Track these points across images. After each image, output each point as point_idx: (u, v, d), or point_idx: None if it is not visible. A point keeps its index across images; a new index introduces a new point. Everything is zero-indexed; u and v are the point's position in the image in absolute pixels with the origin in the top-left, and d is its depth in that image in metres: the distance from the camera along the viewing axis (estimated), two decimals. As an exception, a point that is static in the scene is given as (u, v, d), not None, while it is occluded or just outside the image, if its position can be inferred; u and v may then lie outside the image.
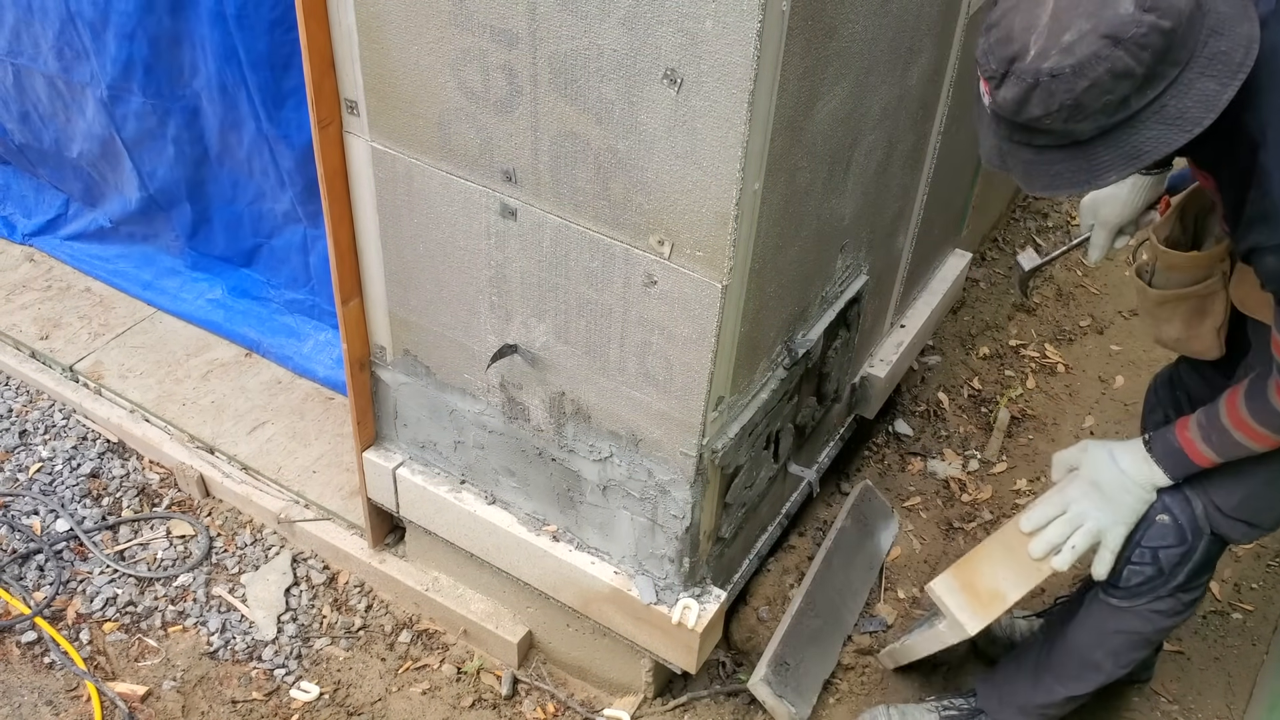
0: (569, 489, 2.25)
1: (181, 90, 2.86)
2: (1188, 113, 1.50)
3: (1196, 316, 2.09)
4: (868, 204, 2.30)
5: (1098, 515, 2.01)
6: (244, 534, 2.87)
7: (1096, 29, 1.46)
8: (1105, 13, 1.46)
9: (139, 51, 2.80)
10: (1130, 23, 1.44)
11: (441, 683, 2.60)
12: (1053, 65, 1.48)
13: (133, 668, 2.58)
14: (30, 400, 3.17)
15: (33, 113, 3.27)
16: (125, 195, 3.28)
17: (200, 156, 3.01)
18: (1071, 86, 1.48)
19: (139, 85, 2.88)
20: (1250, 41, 1.51)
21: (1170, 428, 1.94)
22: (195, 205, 3.15)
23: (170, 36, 2.75)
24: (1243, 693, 2.66)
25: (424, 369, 2.30)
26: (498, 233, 1.97)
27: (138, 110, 2.95)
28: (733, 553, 2.44)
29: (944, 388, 3.43)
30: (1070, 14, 1.48)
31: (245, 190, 3.04)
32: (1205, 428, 1.88)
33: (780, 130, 1.71)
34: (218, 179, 3.07)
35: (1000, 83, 1.56)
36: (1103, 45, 1.45)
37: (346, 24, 1.89)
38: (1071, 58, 1.47)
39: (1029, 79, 1.51)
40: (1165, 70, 1.48)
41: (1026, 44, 1.51)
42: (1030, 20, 1.52)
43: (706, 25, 1.53)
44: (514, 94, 1.77)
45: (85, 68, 2.96)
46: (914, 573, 2.85)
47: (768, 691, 2.42)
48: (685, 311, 1.83)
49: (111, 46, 2.83)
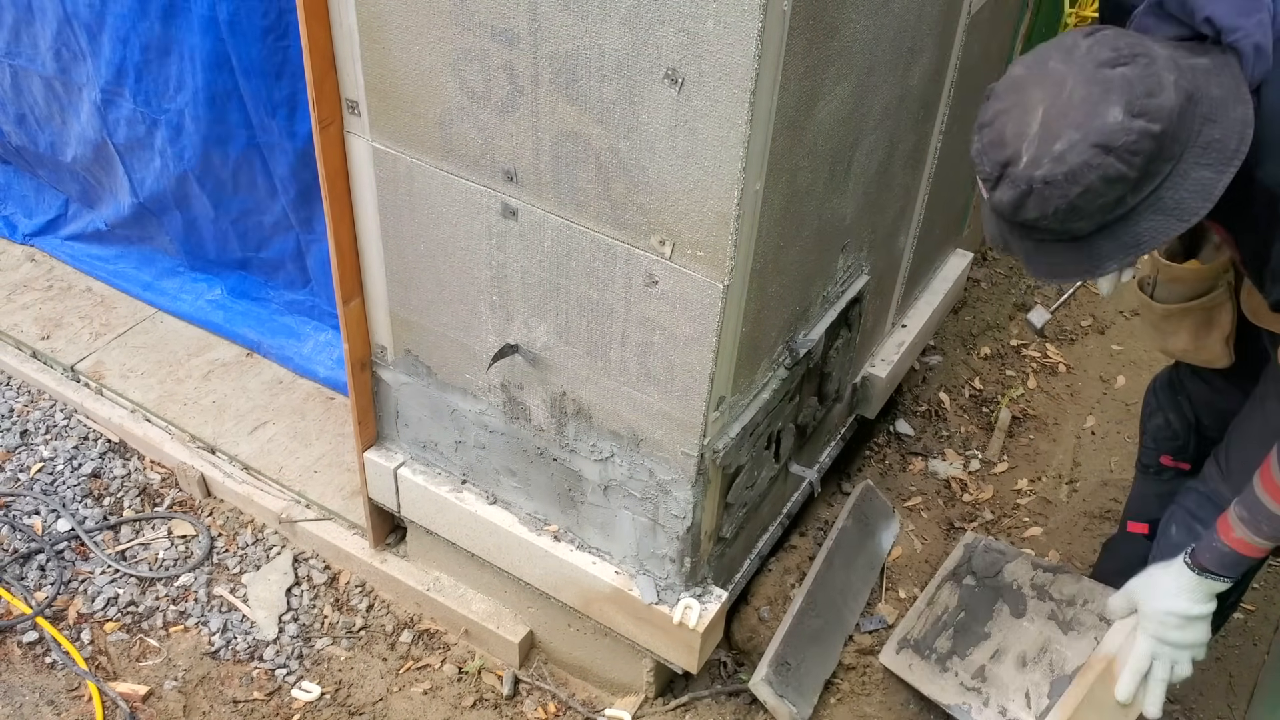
0: (570, 489, 2.25)
1: (172, 95, 2.85)
2: (1185, 203, 1.50)
3: (1204, 328, 2.07)
4: (869, 204, 2.30)
5: (1174, 654, 1.97)
6: (245, 534, 2.87)
7: (1087, 138, 1.45)
8: (1094, 121, 1.45)
9: (132, 56, 2.79)
10: (1120, 130, 1.44)
11: (443, 682, 2.60)
12: (1045, 173, 1.48)
13: (134, 667, 2.58)
14: (31, 400, 3.17)
15: (29, 115, 3.27)
16: (119, 200, 3.27)
17: (191, 162, 3.00)
18: (1065, 193, 1.48)
19: (130, 90, 2.87)
20: (1244, 125, 1.50)
21: (1211, 534, 1.87)
22: (185, 213, 3.14)
23: (161, 42, 2.73)
24: (1244, 693, 2.66)
25: (425, 369, 2.30)
26: (499, 233, 1.97)
27: (129, 116, 2.94)
28: (734, 553, 2.44)
29: (945, 388, 3.43)
30: (1060, 123, 1.48)
31: (235, 200, 3.03)
32: (1250, 520, 1.80)
33: (781, 130, 1.71)
34: (209, 187, 3.05)
35: (995, 185, 1.56)
36: (1094, 154, 1.45)
37: (348, 24, 1.89)
38: (1063, 166, 1.47)
39: (1023, 185, 1.51)
40: (1159, 168, 1.48)
41: (1019, 150, 1.51)
42: (1021, 127, 1.51)
43: (708, 25, 1.53)
44: (515, 94, 1.77)
45: (81, 70, 2.96)
46: (915, 572, 2.85)
47: (769, 691, 2.42)
48: (686, 311, 1.83)
49: (106, 49, 2.82)
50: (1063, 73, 1.50)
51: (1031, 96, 1.52)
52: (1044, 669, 2.28)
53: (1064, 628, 2.31)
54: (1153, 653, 1.97)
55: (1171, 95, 1.45)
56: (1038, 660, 2.30)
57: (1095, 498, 3.13)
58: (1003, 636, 2.38)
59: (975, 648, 2.40)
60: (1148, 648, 1.97)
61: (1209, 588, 1.89)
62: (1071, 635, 2.29)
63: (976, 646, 2.40)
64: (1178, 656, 1.96)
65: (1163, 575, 1.94)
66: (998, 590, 2.46)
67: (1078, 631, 2.28)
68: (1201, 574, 1.88)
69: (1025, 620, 2.37)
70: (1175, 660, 1.96)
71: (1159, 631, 1.95)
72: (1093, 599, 2.29)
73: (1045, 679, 2.25)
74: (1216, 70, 1.52)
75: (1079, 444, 3.31)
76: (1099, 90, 1.46)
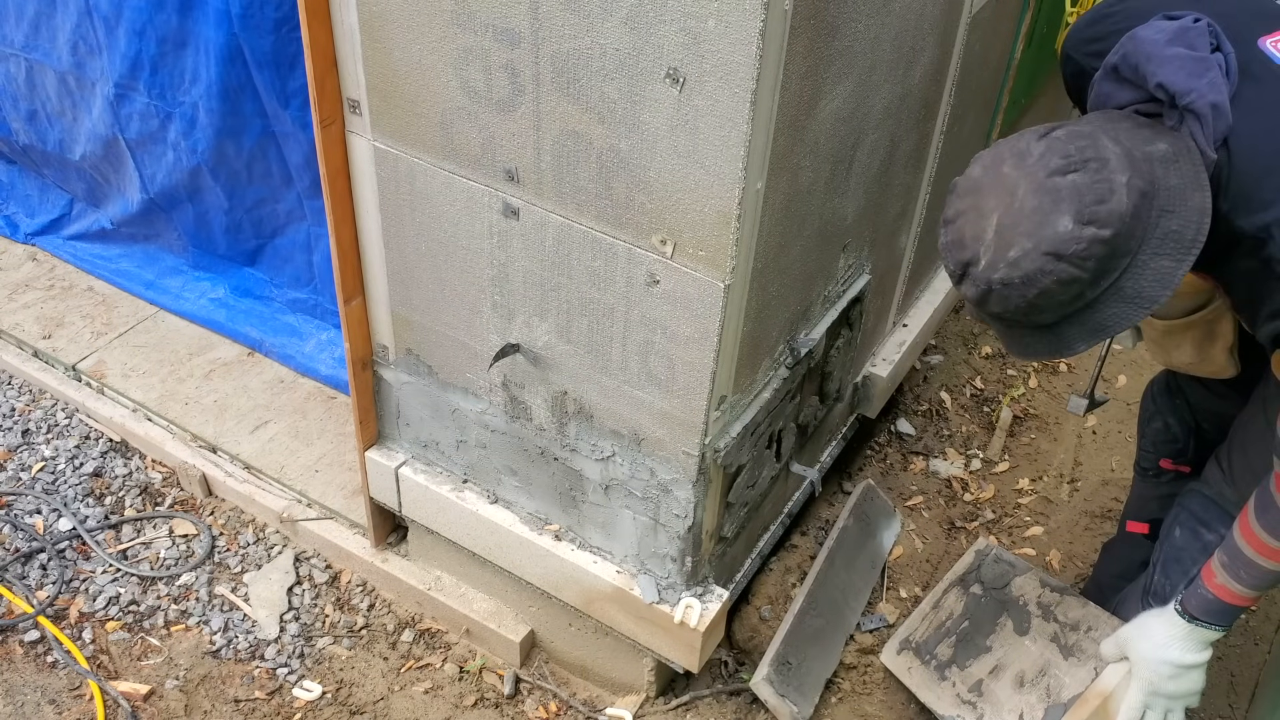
0: (571, 488, 2.25)
1: (187, 87, 2.86)
2: (1145, 291, 1.53)
3: (1207, 341, 2.06)
4: (870, 203, 2.30)
5: (1168, 704, 1.96)
6: (246, 533, 2.88)
7: (1038, 247, 1.49)
8: (1045, 231, 1.48)
9: (148, 49, 2.81)
10: (1070, 239, 1.47)
11: (444, 682, 2.61)
12: (1002, 276, 1.52)
13: (135, 667, 2.58)
14: (33, 399, 3.17)
15: (40, 111, 3.27)
16: (127, 196, 3.28)
17: (205, 155, 3.02)
18: (1023, 293, 1.52)
19: (144, 83, 2.88)
20: (1202, 214, 1.52)
21: (1197, 581, 1.87)
22: (197, 205, 3.16)
23: (177, 35, 2.75)
24: (1245, 692, 2.66)
25: (426, 368, 2.30)
26: (500, 232, 1.97)
27: (142, 110, 2.95)
28: (735, 552, 2.44)
29: (946, 387, 3.43)
30: (1012, 231, 1.51)
31: (249, 190, 3.05)
32: (1230, 567, 1.80)
33: (783, 129, 1.71)
34: (222, 178, 3.07)
35: (959, 281, 1.61)
36: (1046, 261, 1.49)
37: (349, 23, 1.89)
38: (1018, 271, 1.51)
39: (983, 285, 1.56)
40: (1115, 264, 1.51)
41: (977, 253, 1.55)
42: (978, 230, 1.56)
43: (709, 24, 1.53)
44: (516, 93, 1.77)
45: (96, 64, 2.97)
46: (916, 572, 2.85)
47: (770, 690, 2.42)
48: (688, 311, 1.83)
49: (122, 42, 2.84)
50: (1015, 180, 1.54)
51: (986, 202, 1.56)
52: (1040, 692, 2.27)
53: (1065, 653, 2.29)
54: (1145, 703, 1.95)
55: (1124, 199, 1.48)
56: (1035, 683, 2.29)
57: (1096, 497, 3.13)
58: (1003, 652, 2.37)
59: (975, 660, 2.39)
60: (1141, 698, 1.95)
61: (1202, 636, 1.87)
62: (1072, 661, 2.26)
63: (977, 659, 2.39)
64: (1171, 706, 1.95)
65: (1155, 622, 1.93)
66: (1004, 604, 2.45)
67: (1078, 659, 2.26)
68: (1193, 621, 1.86)
69: (1028, 639, 2.36)
70: (1169, 710, 1.95)
71: (1153, 682, 1.93)
72: (1097, 627, 2.27)
73: (1041, 703, 2.25)
74: (1175, 157, 1.55)
75: (1080, 443, 3.31)
76: (1049, 200, 1.50)
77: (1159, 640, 1.91)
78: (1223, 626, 1.86)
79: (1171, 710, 1.96)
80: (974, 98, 2.73)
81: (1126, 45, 1.62)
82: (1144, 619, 1.96)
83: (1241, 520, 1.79)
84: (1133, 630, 1.98)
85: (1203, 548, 2.08)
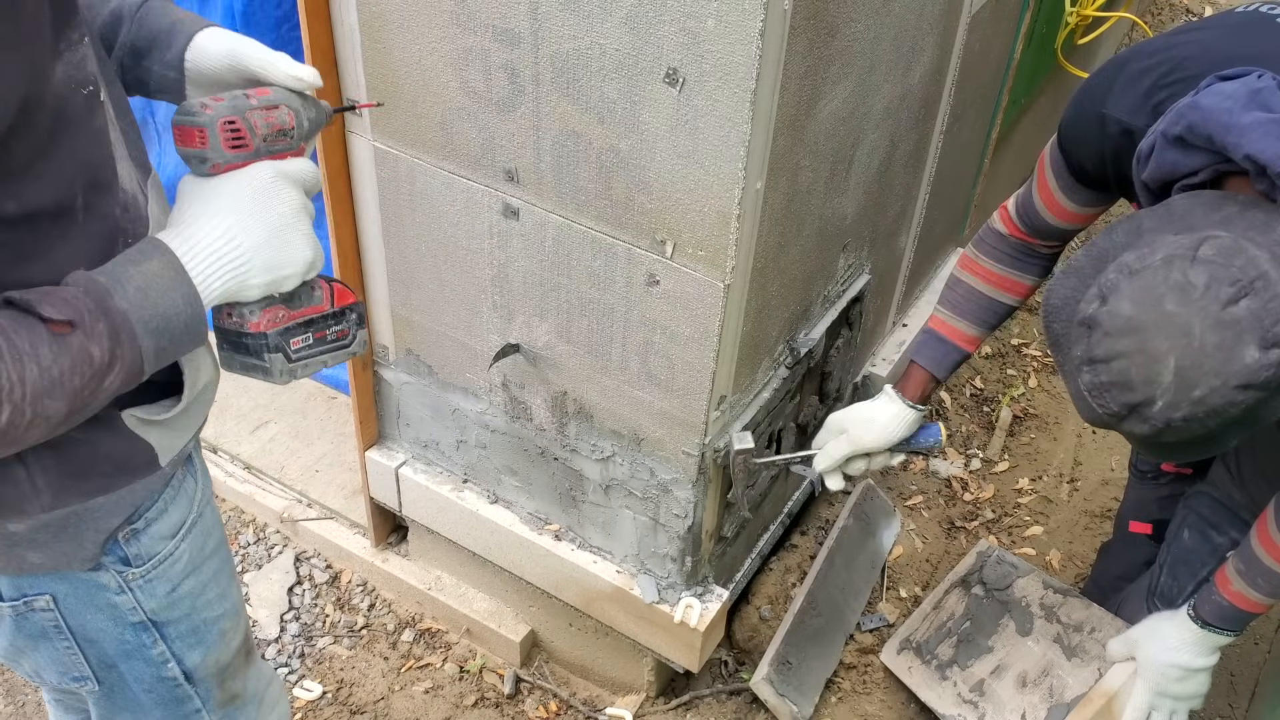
0: (571, 488, 2.25)
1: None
2: None
3: None
4: (870, 203, 2.30)
5: (1174, 705, 1.98)
6: (247, 533, 2.88)
7: (1227, 382, 1.42)
8: (1232, 366, 1.41)
9: None
10: (1259, 369, 1.41)
11: (444, 681, 2.61)
12: (1185, 414, 1.45)
13: (136, 667, 2.58)
14: (33, 399, 3.17)
15: None
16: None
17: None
18: (1206, 424, 1.45)
19: None
20: None
21: (1211, 587, 1.86)
22: None
23: None
24: (1245, 691, 2.66)
25: (426, 368, 2.30)
26: (500, 232, 1.97)
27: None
28: (735, 552, 2.44)
29: (946, 387, 3.43)
30: (1196, 371, 1.43)
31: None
32: (1247, 574, 1.80)
33: (782, 129, 1.71)
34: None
35: (1123, 420, 1.51)
36: (1234, 394, 1.42)
37: (349, 23, 1.90)
38: (1203, 407, 1.44)
39: (1159, 423, 1.47)
40: None
41: (1151, 396, 1.46)
42: (1150, 374, 1.46)
43: (708, 24, 1.53)
44: (516, 93, 1.77)
45: None
46: (916, 571, 2.85)
47: (770, 690, 2.42)
48: (687, 311, 1.83)
49: None
50: (1186, 318, 1.44)
51: (1157, 345, 1.46)
52: (1043, 693, 2.27)
53: (1068, 653, 2.29)
54: (1151, 703, 1.97)
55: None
56: (1038, 683, 2.29)
57: (1096, 497, 3.13)
58: (1005, 653, 2.37)
59: (977, 660, 2.39)
60: (1147, 699, 1.97)
61: (1213, 641, 1.89)
62: (1075, 662, 2.27)
63: (978, 659, 2.39)
64: (1177, 707, 1.97)
65: (1166, 625, 1.94)
66: (1006, 605, 2.45)
67: (1081, 659, 2.27)
68: (1205, 627, 1.88)
69: (1030, 640, 2.36)
70: (1174, 710, 1.97)
71: (1159, 683, 1.95)
72: (1100, 628, 2.28)
73: (1043, 703, 2.25)
74: None
75: (1080, 443, 3.31)
76: (1230, 335, 1.42)
77: (1169, 643, 1.93)
78: (1235, 632, 1.88)
79: (1176, 711, 1.98)
80: (973, 97, 2.73)
81: (1191, 116, 1.52)
82: (1154, 621, 1.98)
83: (1260, 529, 1.79)
84: (1142, 632, 1.99)
85: (1212, 550, 2.09)
